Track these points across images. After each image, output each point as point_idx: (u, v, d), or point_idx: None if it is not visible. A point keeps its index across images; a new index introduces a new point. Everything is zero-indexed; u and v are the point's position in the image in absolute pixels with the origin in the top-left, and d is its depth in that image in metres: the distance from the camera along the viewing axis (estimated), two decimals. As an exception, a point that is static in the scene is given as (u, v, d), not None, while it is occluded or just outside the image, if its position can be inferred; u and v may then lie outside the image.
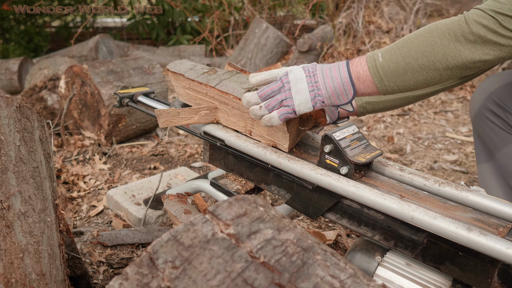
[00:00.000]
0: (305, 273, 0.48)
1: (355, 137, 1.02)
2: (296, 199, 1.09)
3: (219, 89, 1.10)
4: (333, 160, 0.98)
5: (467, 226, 0.80)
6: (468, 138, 2.76)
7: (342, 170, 0.97)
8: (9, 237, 0.81)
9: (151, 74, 2.51)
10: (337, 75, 0.93)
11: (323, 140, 0.98)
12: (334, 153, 0.98)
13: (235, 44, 5.20)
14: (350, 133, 1.01)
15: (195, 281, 0.45)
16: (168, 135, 2.59)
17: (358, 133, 1.03)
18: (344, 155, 0.96)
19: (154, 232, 1.52)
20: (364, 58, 0.93)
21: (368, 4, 4.21)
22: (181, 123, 1.15)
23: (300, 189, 1.07)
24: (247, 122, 1.12)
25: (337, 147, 0.97)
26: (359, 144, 1.01)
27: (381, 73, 0.91)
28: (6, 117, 0.91)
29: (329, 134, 0.97)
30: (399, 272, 0.94)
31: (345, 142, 0.98)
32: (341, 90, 0.93)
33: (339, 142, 0.97)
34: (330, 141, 0.98)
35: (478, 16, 0.84)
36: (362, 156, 0.98)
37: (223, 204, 0.54)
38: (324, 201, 1.02)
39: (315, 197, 1.04)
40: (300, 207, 1.08)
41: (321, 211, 1.03)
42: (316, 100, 0.93)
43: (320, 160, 1.01)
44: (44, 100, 2.57)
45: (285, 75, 0.95)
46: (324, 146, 0.99)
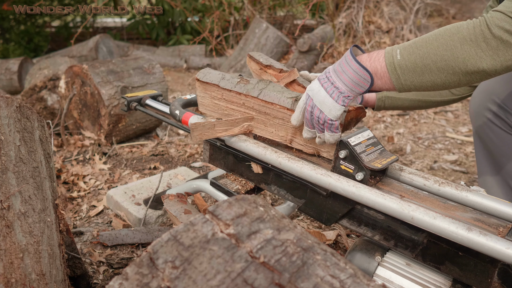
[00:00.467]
0: (305, 273, 0.48)
1: (370, 142, 1.00)
2: (310, 205, 1.06)
3: (262, 99, 1.07)
4: (348, 166, 0.96)
5: (467, 226, 0.80)
6: (468, 138, 2.76)
7: (358, 176, 0.95)
8: (9, 237, 0.81)
9: (151, 74, 2.51)
10: (347, 67, 0.92)
11: (338, 145, 0.96)
12: (349, 159, 0.96)
13: (235, 44, 5.20)
14: (365, 138, 0.99)
15: (195, 281, 0.45)
16: (168, 135, 2.59)
17: (373, 138, 1.01)
18: (359, 161, 0.94)
19: (154, 232, 1.52)
20: (383, 53, 0.92)
21: (368, 4, 4.21)
22: (215, 135, 1.11)
23: (314, 195, 1.05)
24: (288, 132, 1.10)
25: (352, 153, 0.95)
26: (374, 149, 0.99)
27: (399, 71, 0.89)
28: (6, 117, 0.91)
29: (344, 140, 0.95)
30: (399, 272, 0.94)
31: (360, 148, 0.96)
32: (358, 78, 0.91)
33: (354, 147, 0.95)
34: (345, 147, 0.96)
35: (500, 20, 0.81)
36: (378, 162, 0.96)
37: (223, 204, 0.54)
38: (339, 207, 1.00)
39: (329, 203, 1.02)
40: (314, 214, 1.05)
41: (335, 217, 1.01)
42: (341, 98, 0.93)
43: (334, 166, 0.99)
44: (44, 100, 2.57)
45: (307, 97, 0.98)
46: (339, 152, 0.97)
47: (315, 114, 0.96)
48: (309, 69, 4.12)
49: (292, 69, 1.16)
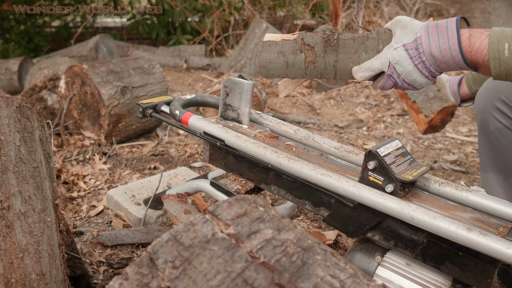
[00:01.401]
0: (305, 273, 0.48)
1: (399, 152, 0.97)
2: (335, 216, 1.03)
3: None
4: (377, 177, 0.93)
5: (467, 226, 0.80)
6: (468, 138, 2.76)
7: (388, 188, 0.92)
8: (9, 237, 0.81)
9: (151, 74, 2.51)
10: (446, 48, 0.85)
11: (367, 156, 0.94)
12: (378, 170, 0.93)
13: (235, 44, 5.20)
14: (394, 148, 0.97)
15: (195, 281, 0.45)
16: (168, 135, 2.59)
17: (402, 148, 0.99)
18: (389, 172, 0.91)
19: (154, 232, 1.52)
20: (486, 43, 0.83)
21: (368, 4, 4.21)
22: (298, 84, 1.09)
23: (340, 207, 1.02)
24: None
25: (381, 164, 0.92)
26: (403, 160, 0.97)
27: (503, 68, 0.83)
28: (6, 117, 0.91)
29: (373, 150, 0.92)
30: (399, 272, 0.94)
31: (390, 159, 0.94)
32: (452, 63, 0.86)
33: (384, 158, 0.92)
34: (374, 158, 0.93)
35: None
36: (409, 173, 0.93)
37: (223, 204, 0.54)
38: (367, 219, 0.97)
39: (356, 215, 0.99)
40: (338, 225, 1.03)
41: (362, 230, 0.98)
42: (428, 72, 0.90)
43: (362, 177, 0.96)
44: (44, 100, 2.57)
45: (388, 65, 0.93)
46: (368, 163, 0.94)
47: (398, 83, 0.94)
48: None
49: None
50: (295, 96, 3.53)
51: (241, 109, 1.25)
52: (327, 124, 2.99)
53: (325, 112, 3.27)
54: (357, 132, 2.85)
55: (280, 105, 3.38)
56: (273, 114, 3.05)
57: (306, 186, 1.09)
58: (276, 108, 3.30)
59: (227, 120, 1.28)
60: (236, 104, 1.25)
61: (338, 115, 3.21)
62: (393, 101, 3.45)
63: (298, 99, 3.50)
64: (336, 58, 1.02)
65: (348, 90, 3.66)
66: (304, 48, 1.02)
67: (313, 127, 2.93)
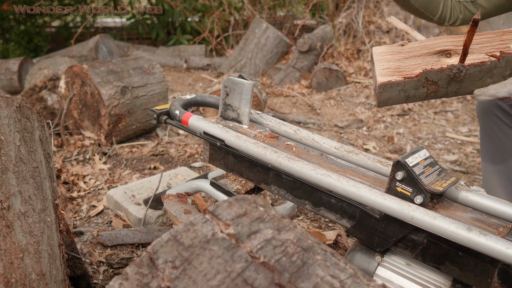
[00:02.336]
0: (305, 273, 0.48)
1: (428, 162, 0.95)
2: (359, 227, 1.00)
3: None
4: (405, 188, 0.91)
5: (467, 226, 0.80)
6: (468, 138, 2.76)
7: (417, 200, 0.89)
8: (9, 237, 0.81)
9: (151, 74, 2.51)
10: None
11: (395, 166, 0.91)
12: (406, 181, 0.90)
13: (235, 44, 5.20)
14: (422, 158, 0.94)
15: (195, 281, 0.45)
16: (168, 135, 2.59)
17: (430, 158, 0.96)
18: (419, 183, 0.88)
19: (154, 232, 1.52)
20: None
21: (368, 4, 4.21)
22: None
23: (365, 217, 0.99)
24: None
25: (410, 175, 0.89)
26: (432, 170, 0.94)
27: None
28: (6, 117, 0.91)
29: (401, 160, 0.89)
30: (399, 272, 0.94)
31: (418, 169, 0.91)
32: None
33: (413, 169, 0.89)
34: (402, 168, 0.90)
35: None
36: (438, 184, 0.91)
37: (223, 204, 0.54)
38: (393, 231, 0.94)
39: (382, 227, 0.96)
40: (363, 236, 1.00)
41: (389, 242, 0.96)
42: None
43: (390, 188, 0.93)
44: (44, 100, 2.57)
45: None
46: (396, 173, 0.91)
47: None
48: (309, 69, 4.12)
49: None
50: (295, 96, 3.54)
51: (241, 109, 1.25)
52: (327, 124, 2.99)
53: (325, 112, 3.27)
54: (357, 132, 2.85)
55: (280, 105, 3.38)
56: (273, 114, 3.05)
57: (325, 194, 1.07)
58: (276, 108, 3.30)
59: (227, 120, 1.28)
60: (236, 104, 1.25)
61: (338, 115, 3.21)
62: (393, 101, 3.45)
63: (298, 99, 3.50)
64: (459, 86, 1.04)
65: (348, 90, 3.66)
66: (427, 83, 1.03)
67: (313, 127, 2.93)
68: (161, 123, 1.39)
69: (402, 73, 1.03)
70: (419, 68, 1.02)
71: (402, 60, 1.04)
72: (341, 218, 1.06)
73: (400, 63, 1.04)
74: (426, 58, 1.03)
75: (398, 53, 1.05)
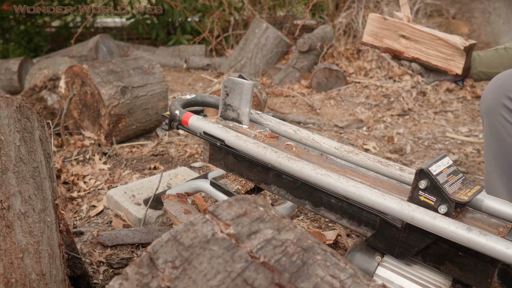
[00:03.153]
0: (305, 273, 0.48)
1: (451, 170, 0.93)
2: (379, 237, 0.98)
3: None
4: (428, 197, 0.89)
5: (467, 226, 0.80)
6: (468, 138, 2.76)
7: (441, 209, 0.87)
8: (9, 237, 0.81)
9: (151, 74, 2.51)
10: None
11: (418, 175, 0.89)
12: (430, 190, 0.88)
13: (235, 44, 5.20)
14: (445, 166, 0.92)
15: (195, 281, 0.45)
16: (168, 135, 2.59)
17: (453, 166, 0.94)
18: (443, 193, 0.87)
19: (154, 232, 1.52)
20: None
21: (368, 4, 4.21)
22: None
23: (386, 226, 0.97)
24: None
25: (434, 183, 0.87)
26: (456, 178, 0.92)
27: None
28: (6, 117, 0.91)
29: (425, 169, 0.88)
30: (399, 272, 0.94)
31: (442, 178, 0.89)
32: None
33: (436, 177, 0.88)
34: (426, 176, 0.88)
35: None
36: (463, 193, 0.89)
37: (223, 204, 0.54)
38: (416, 241, 0.92)
39: (404, 236, 0.94)
40: (383, 246, 0.98)
41: (410, 252, 0.94)
42: None
43: (412, 196, 0.91)
44: (44, 100, 2.57)
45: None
46: (419, 182, 0.89)
47: None
48: (309, 69, 4.12)
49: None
50: (295, 96, 3.54)
51: (241, 109, 1.25)
52: (327, 124, 2.99)
53: (325, 112, 3.27)
54: (357, 132, 2.86)
55: (280, 105, 3.38)
56: (273, 114, 3.05)
57: (346, 202, 1.04)
58: (276, 108, 3.30)
59: (227, 120, 1.28)
60: (236, 104, 1.25)
61: (338, 115, 3.21)
62: (393, 101, 3.45)
63: (298, 99, 3.50)
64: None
65: (348, 90, 3.66)
66: (388, 50, 1.49)
67: (313, 127, 2.93)
68: (172, 128, 1.38)
69: (378, 38, 1.49)
70: (386, 39, 1.47)
71: (381, 29, 1.47)
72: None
73: (379, 31, 1.48)
74: (393, 35, 1.46)
75: (381, 23, 1.47)
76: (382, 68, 3.93)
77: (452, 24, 4.25)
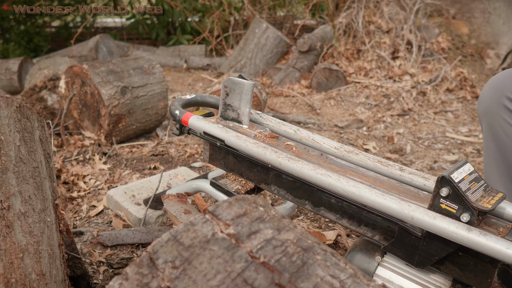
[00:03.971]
0: (305, 273, 0.48)
1: (473, 177, 0.90)
2: (398, 245, 0.96)
3: None
4: (450, 205, 0.86)
5: (467, 226, 0.80)
6: (468, 138, 2.76)
7: (463, 218, 0.84)
8: (9, 237, 0.81)
9: (151, 74, 2.51)
10: None
11: (439, 182, 0.87)
12: (452, 198, 0.86)
13: (235, 44, 5.20)
14: (467, 173, 0.90)
15: (195, 281, 0.45)
16: (168, 135, 2.59)
17: (474, 173, 0.92)
18: (466, 201, 0.84)
19: (154, 232, 1.52)
20: None
21: (368, 4, 4.21)
22: None
23: (405, 235, 0.94)
24: None
25: (456, 191, 0.85)
26: (478, 186, 0.90)
27: None
28: (6, 117, 0.91)
29: (446, 176, 0.85)
30: (399, 272, 0.94)
31: (465, 185, 0.87)
32: None
33: (459, 185, 0.85)
34: (447, 184, 0.85)
35: None
36: (486, 201, 0.87)
37: (223, 204, 0.54)
38: (437, 250, 0.90)
39: (424, 245, 0.92)
40: (402, 254, 0.96)
41: (431, 260, 0.92)
42: None
43: (433, 204, 0.89)
44: (44, 100, 2.57)
45: None
46: (441, 190, 0.87)
47: None
48: (309, 69, 4.12)
49: None
50: (295, 96, 3.54)
51: (241, 109, 1.25)
52: (327, 124, 2.99)
53: (325, 112, 3.27)
54: (357, 132, 2.85)
55: (280, 105, 3.38)
56: (273, 114, 3.05)
57: (365, 211, 1.02)
58: (276, 108, 3.30)
59: (227, 120, 1.28)
60: (236, 104, 1.25)
61: (338, 115, 3.21)
62: (393, 101, 3.45)
63: (298, 99, 3.50)
64: None
65: (348, 90, 3.66)
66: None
67: (313, 127, 2.93)
68: (183, 133, 1.37)
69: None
70: None
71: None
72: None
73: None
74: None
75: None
76: (382, 68, 3.93)
77: (452, 24, 4.25)
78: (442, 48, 4.01)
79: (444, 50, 4.01)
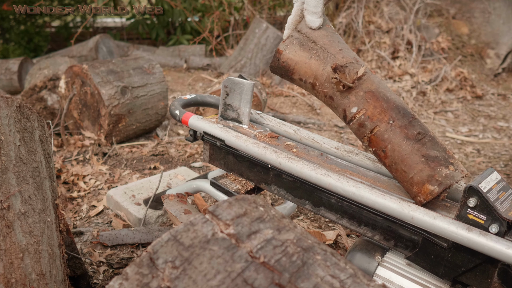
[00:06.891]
0: (305, 273, 0.48)
1: (501, 186, 0.88)
2: (422, 255, 0.93)
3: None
4: (478, 216, 0.84)
5: (467, 226, 0.80)
6: (468, 138, 2.76)
7: (492, 229, 0.82)
8: (9, 237, 0.81)
9: (151, 74, 2.51)
10: None
11: (466, 192, 0.84)
12: (480, 208, 0.83)
13: (235, 44, 5.20)
14: (494, 182, 0.87)
15: (195, 281, 0.45)
16: (168, 135, 2.59)
17: (502, 181, 0.89)
18: (495, 211, 0.82)
19: (154, 232, 1.52)
20: None
21: (368, 4, 4.21)
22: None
23: (429, 245, 0.92)
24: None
25: (484, 201, 0.82)
26: (506, 195, 0.87)
27: None
28: (6, 117, 0.91)
29: (474, 186, 0.83)
30: (399, 272, 0.94)
31: (493, 195, 0.84)
32: None
33: (487, 195, 0.83)
34: (475, 194, 0.83)
35: None
36: None
37: (223, 204, 0.54)
38: (463, 261, 0.87)
39: (450, 256, 0.89)
40: (426, 265, 0.94)
41: (457, 272, 0.89)
42: None
43: (460, 214, 0.86)
44: (44, 100, 2.57)
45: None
46: (468, 200, 0.84)
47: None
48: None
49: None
50: (295, 96, 3.53)
51: (241, 109, 1.25)
52: (327, 124, 2.99)
53: (325, 112, 3.27)
54: (357, 132, 2.85)
55: (280, 105, 3.38)
56: (273, 114, 3.05)
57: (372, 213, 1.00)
58: (276, 108, 3.30)
59: (227, 120, 1.28)
60: (236, 104, 1.25)
61: (338, 115, 3.20)
62: (393, 101, 3.45)
63: (298, 99, 3.50)
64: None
65: (348, 90, 3.66)
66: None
67: (313, 127, 2.92)
68: (197, 139, 1.34)
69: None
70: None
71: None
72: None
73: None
74: None
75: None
76: (382, 68, 3.93)
77: (452, 24, 4.25)
78: (442, 48, 4.01)
79: (444, 50, 4.01)
